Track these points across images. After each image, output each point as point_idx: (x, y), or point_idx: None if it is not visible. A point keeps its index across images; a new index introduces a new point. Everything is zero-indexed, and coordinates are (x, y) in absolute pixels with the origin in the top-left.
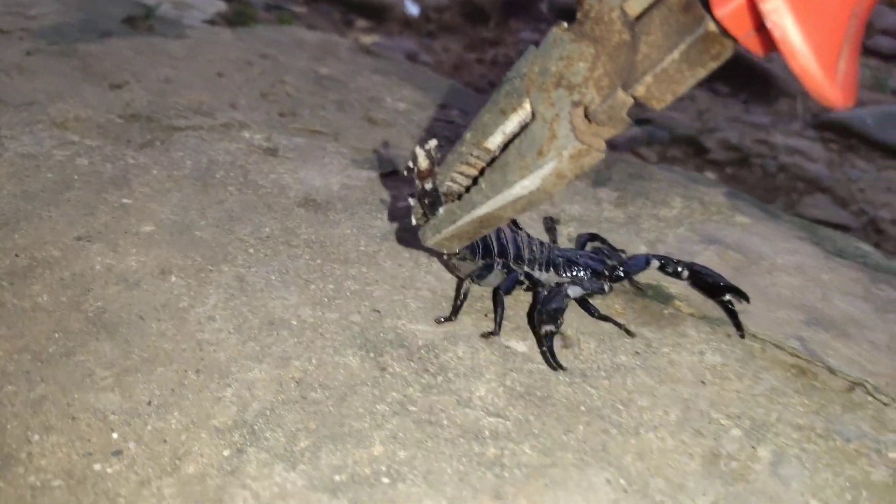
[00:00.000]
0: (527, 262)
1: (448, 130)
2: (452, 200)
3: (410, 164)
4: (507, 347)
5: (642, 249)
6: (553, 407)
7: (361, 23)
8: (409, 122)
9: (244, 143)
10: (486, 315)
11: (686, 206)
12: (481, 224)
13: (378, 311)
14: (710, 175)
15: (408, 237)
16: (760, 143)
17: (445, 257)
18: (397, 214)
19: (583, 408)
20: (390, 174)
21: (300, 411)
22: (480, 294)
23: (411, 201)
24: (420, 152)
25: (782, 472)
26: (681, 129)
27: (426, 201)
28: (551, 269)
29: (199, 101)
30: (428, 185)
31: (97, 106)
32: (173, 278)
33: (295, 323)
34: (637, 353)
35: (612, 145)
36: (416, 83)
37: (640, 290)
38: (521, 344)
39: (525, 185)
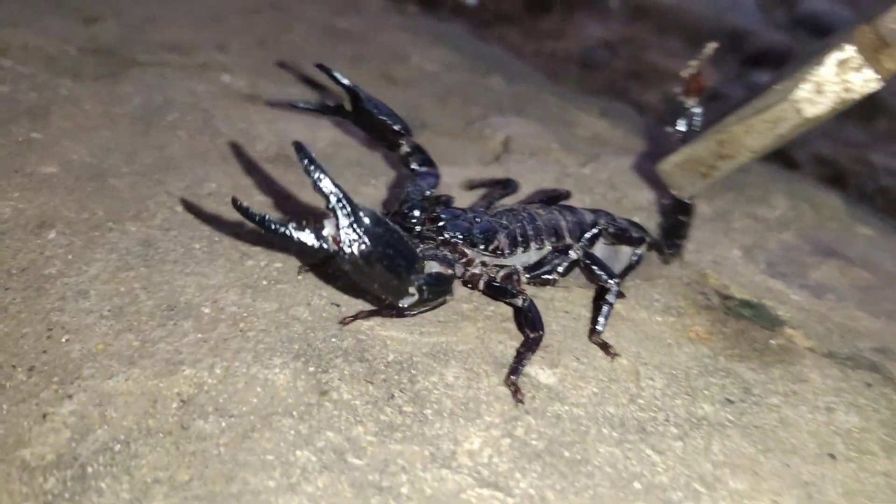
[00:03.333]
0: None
1: (488, 97)
2: None
3: (682, 74)
4: (525, 376)
5: (735, 254)
6: (589, 479)
7: (412, 8)
8: (436, 84)
9: (218, 87)
10: (502, 322)
11: (792, 208)
12: (720, 147)
13: (338, 306)
14: None
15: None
16: (857, 162)
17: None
18: (396, 182)
19: (638, 484)
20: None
21: (171, 450)
22: (485, 299)
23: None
24: (704, 55)
25: None
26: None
27: (684, 122)
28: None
29: (179, 40)
30: (692, 102)
31: (56, 37)
32: (52, 234)
33: (208, 311)
34: (729, 401)
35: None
36: (450, 44)
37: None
38: (549, 372)
39: (779, 99)
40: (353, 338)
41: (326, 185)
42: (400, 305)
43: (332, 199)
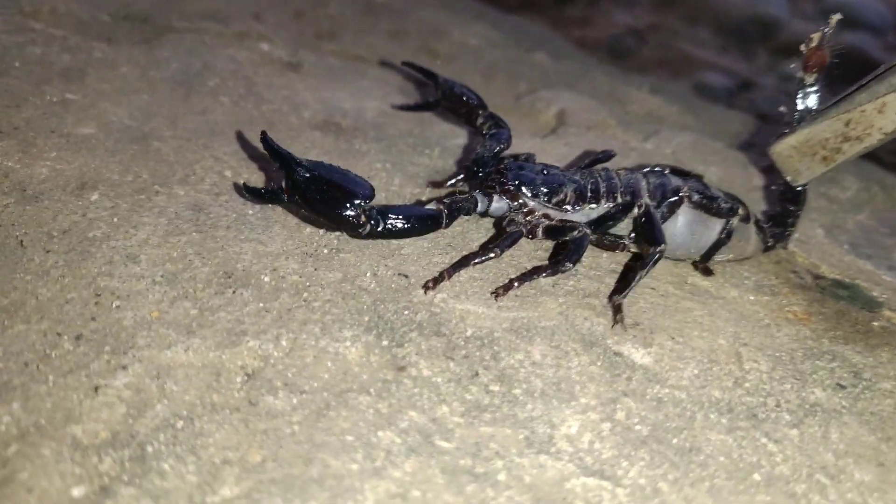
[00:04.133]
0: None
1: (534, 73)
2: None
3: (802, 48)
4: (618, 355)
5: (819, 234)
6: (703, 469)
7: None
8: (479, 59)
9: (258, 54)
10: (585, 298)
11: (864, 189)
12: (847, 128)
13: (406, 277)
14: None
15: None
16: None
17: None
18: (451, 154)
19: (757, 476)
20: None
21: (240, 428)
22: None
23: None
24: (829, 26)
25: None
26: None
27: (801, 97)
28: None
29: (214, 9)
30: (810, 79)
31: (86, 3)
32: (95, 196)
33: (267, 280)
34: (840, 385)
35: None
36: (490, 20)
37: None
38: (643, 352)
39: None
40: (426, 311)
41: (272, 150)
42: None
43: (277, 158)
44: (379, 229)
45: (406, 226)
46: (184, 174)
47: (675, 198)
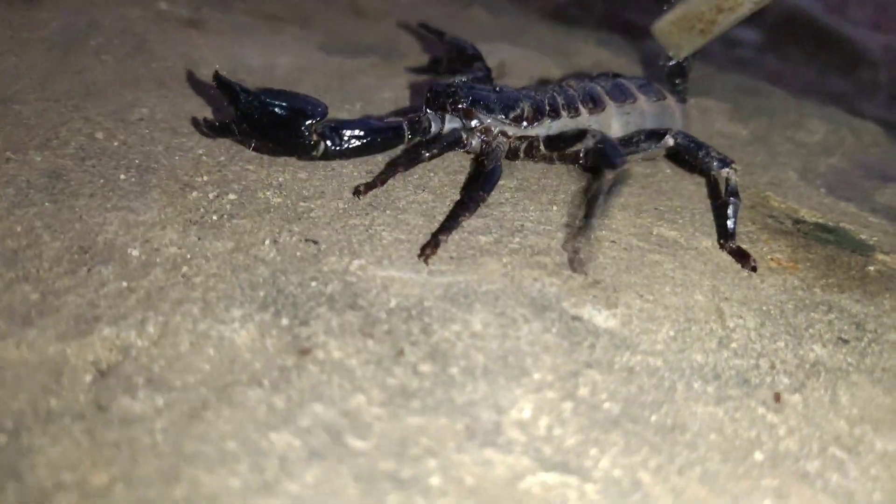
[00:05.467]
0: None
1: (472, 27)
2: None
3: None
4: (577, 319)
5: (792, 176)
6: (691, 451)
7: None
8: (412, 15)
9: (154, 12)
10: (533, 256)
11: (832, 132)
12: (720, 0)
13: (315, 243)
14: None
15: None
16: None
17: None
18: (375, 108)
19: (759, 455)
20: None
21: (83, 442)
22: (511, 216)
23: None
24: None
25: None
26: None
27: None
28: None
29: None
30: None
31: None
32: None
33: (136, 254)
34: (842, 339)
35: None
36: None
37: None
38: (607, 314)
39: None
40: (339, 280)
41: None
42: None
43: (226, 91)
44: (334, 148)
45: (365, 141)
46: (44, 138)
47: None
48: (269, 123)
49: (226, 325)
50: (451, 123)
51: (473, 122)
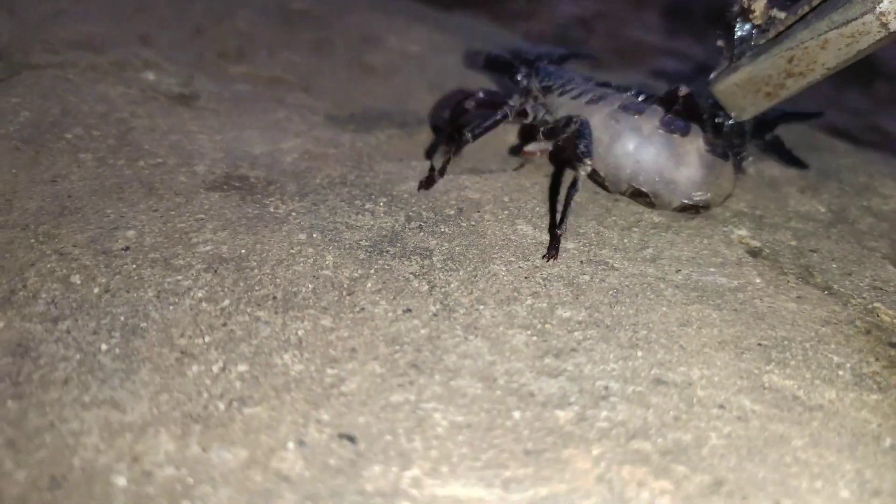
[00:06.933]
0: None
1: (487, 80)
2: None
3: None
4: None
5: (890, 269)
6: None
7: None
8: (424, 69)
9: (140, 88)
10: (630, 440)
11: None
12: (790, 65)
13: (352, 440)
14: None
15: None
16: (871, 130)
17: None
18: (402, 204)
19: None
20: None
21: None
22: (590, 372)
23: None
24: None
25: None
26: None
27: (737, 41)
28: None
29: (91, 34)
30: (748, 25)
31: None
32: None
33: (122, 483)
34: None
35: None
36: (430, 22)
37: None
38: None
39: (862, 11)
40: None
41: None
42: None
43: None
44: None
45: None
46: (9, 289)
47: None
48: None
49: None
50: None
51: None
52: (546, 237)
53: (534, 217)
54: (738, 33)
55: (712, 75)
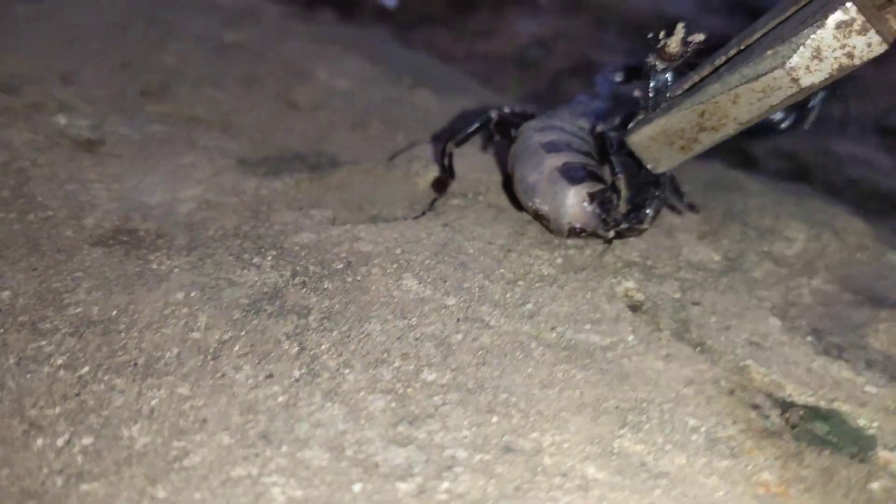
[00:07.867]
0: None
1: (413, 117)
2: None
3: (661, 37)
4: None
5: (773, 326)
6: None
7: (326, 14)
8: (350, 105)
9: (47, 133)
10: None
11: (814, 239)
12: (702, 119)
13: None
14: None
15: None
16: (819, 153)
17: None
18: (290, 258)
19: None
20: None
21: None
22: (441, 439)
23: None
24: (679, 30)
25: None
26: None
27: (652, 90)
28: None
29: (12, 74)
30: (665, 71)
31: None
32: None
33: None
34: None
35: None
36: (366, 53)
37: None
38: None
39: (772, 67)
40: None
41: None
42: None
43: None
44: None
45: None
46: None
47: None
48: None
49: None
50: None
51: None
52: (430, 292)
53: (421, 271)
54: (653, 83)
55: (630, 125)
